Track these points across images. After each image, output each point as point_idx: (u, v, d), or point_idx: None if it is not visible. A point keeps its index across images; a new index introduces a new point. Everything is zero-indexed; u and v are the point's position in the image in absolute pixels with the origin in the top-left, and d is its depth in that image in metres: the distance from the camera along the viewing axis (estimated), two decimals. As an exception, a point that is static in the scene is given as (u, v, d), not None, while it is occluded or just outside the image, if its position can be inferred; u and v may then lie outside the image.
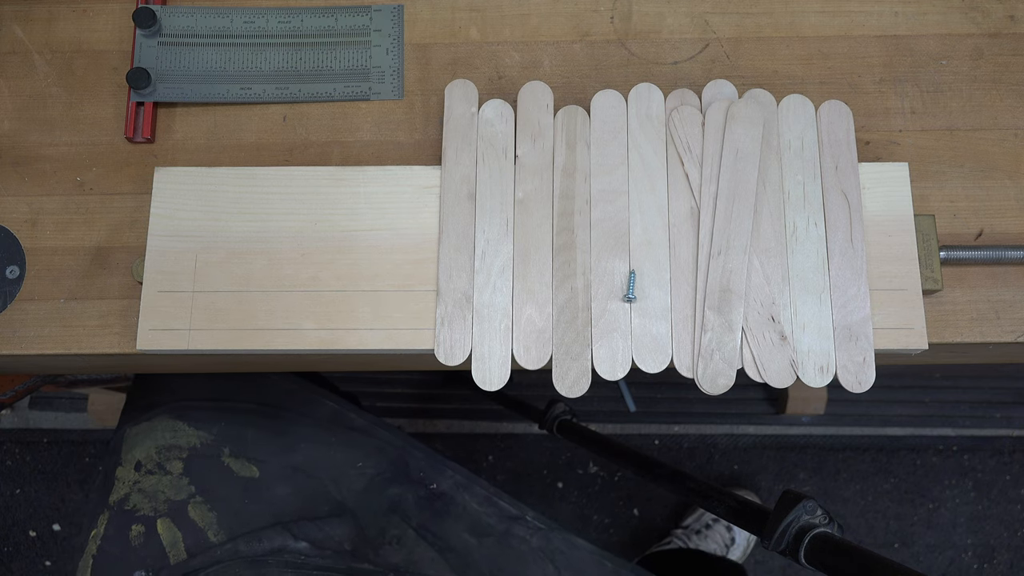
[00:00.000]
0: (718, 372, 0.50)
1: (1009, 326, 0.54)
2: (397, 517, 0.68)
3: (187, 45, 0.58)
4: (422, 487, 0.70)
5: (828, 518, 0.47)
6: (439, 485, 0.70)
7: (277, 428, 0.69)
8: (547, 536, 0.70)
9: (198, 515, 0.65)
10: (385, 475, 0.69)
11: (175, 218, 0.53)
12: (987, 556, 1.33)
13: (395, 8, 0.60)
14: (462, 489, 0.71)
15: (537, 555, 0.69)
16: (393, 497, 0.68)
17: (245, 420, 0.69)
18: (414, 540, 0.67)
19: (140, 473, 0.67)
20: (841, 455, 1.36)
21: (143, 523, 0.64)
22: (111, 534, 0.65)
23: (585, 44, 0.59)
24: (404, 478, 0.70)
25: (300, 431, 0.70)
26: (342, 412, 0.72)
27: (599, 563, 0.70)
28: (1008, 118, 0.57)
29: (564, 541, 0.70)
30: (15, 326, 0.54)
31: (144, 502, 0.65)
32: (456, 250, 0.52)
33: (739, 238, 0.51)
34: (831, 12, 0.59)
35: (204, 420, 0.68)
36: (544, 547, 0.69)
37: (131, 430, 0.70)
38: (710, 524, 1.26)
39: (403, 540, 0.67)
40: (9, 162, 0.57)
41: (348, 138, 0.58)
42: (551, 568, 0.69)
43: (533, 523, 0.70)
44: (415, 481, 0.70)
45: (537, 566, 0.68)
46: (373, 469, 0.69)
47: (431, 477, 0.71)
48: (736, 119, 0.53)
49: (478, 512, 0.70)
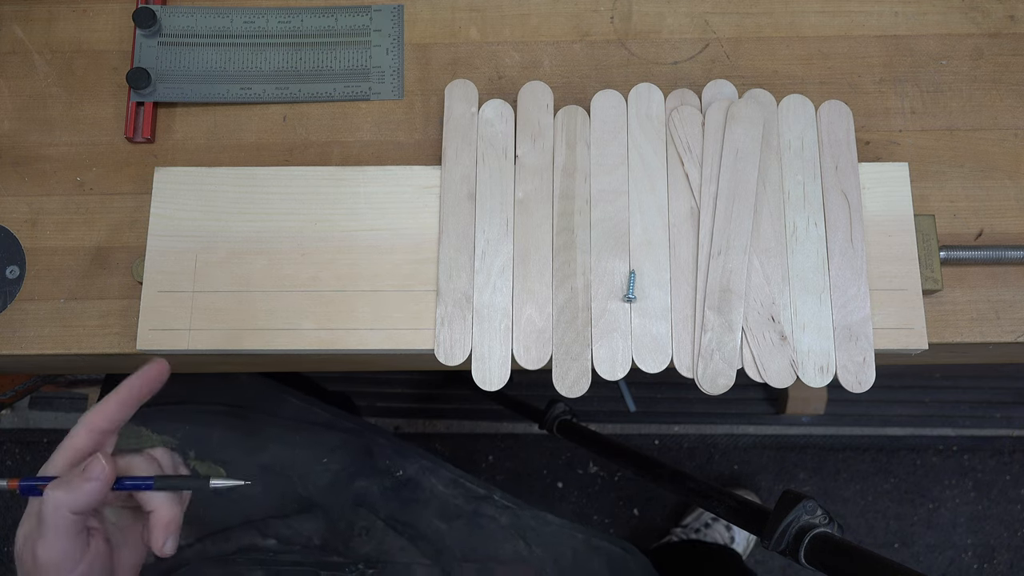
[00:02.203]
0: (718, 372, 0.50)
1: (1009, 326, 0.54)
2: (364, 510, 0.68)
3: (187, 45, 0.58)
4: (388, 476, 0.70)
5: (828, 518, 0.47)
6: (405, 471, 0.70)
7: (245, 428, 0.69)
8: (516, 514, 0.70)
9: None
10: (350, 469, 0.69)
11: (175, 218, 0.53)
12: (987, 556, 1.33)
13: (395, 8, 0.60)
14: (428, 473, 0.71)
15: (508, 533, 0.69)
16: (359, 490, 0.68)
17: (211, 422, 0.69)
18: (383, 530, 0.67)
19: None
20: (841, 455, 1.36)
21: None
22: None
23: (585, 44, 0.59)
24: (370, 469, 0.70)
25: (268, 431, 0.70)
26: (307, 409, 0.72)
27: (570, 535, 0.70)
28: (1008, 118, 0.57)
29: (534, 517, 0.70)
30: (15, 326, 0.54)
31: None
32: (456, 250, 0.52)
33: (739, 238, 0.51)
34: (831, 12, 0.59)
35: (168, 425, 0.68)
36: (514, 524, 0.69)
37: None
38: (709, 523, 1.26)
39: (372, 531, 0.66)
40: (9, 162, 0.57)
41: (348, 138, 0.58)
42: (523, 544, 0.69)
43: (501, 502, 0.70)
44: (381, 471, 0.70)
45: (509, 543, 0.68)
46: (338, 464, 0.69)
47: (397, 464, 0.71)
48: (736, 119, 0.53)
49: (445, 495, 0.70)
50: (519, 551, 0.68)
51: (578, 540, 0.70)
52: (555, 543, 0.70)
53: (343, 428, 0.72)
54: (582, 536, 0.70)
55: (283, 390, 0.73)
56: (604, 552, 0.71)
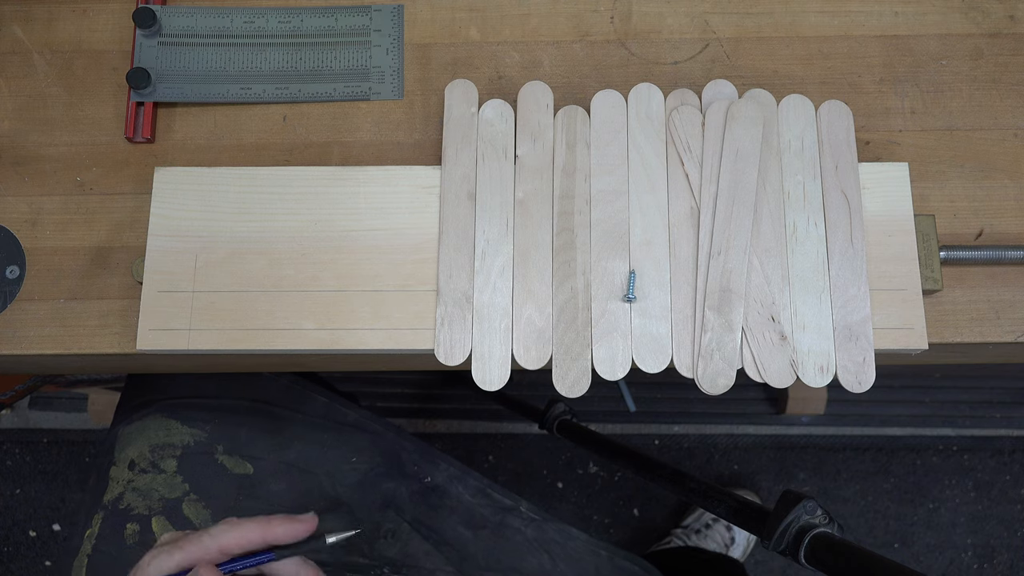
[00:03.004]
0: (718, 372, 0.50)
1: (1009, 326, 0.54)
2: (392, 511, 0.68)
3: (187, 45, 0.58)
4: (416, 481, 0.70)
5: (828, 518, 0.47)
6: (433, 478, 0.70)
7: (270, 425, 0.69)
8: (541, 527, 0.70)
9: (193, 513, 0.65)
10: (379, 470, 0.69)
11: (175, 218, 0.53)
12: (987, 556, 1.33)
13: (395, 8, 0.60)
14: (456, 481, 0.71)
15: (533, 546, 0.69)
16: (387, 492, 0.68)
17: (238, 418, 0.69)
18: (409, 534, 0.67)
19: (134, 472, 0.67)
20: (841, 455, 1.36)
21: (138, 522, 0.64)
22: (106, 534, 0.64)
23: (585, 44, 0.59)
24: (398, 472, 0.70)
25: (294, 428, 0.70)
26: (334, 407, 0.72)
27: (594, 552, 0.70)
28: (1008, 118, 0.57)
29: (559, 531, 0.70)
30: (15, 326, 0.54)
31: (138, 501, 0.65)
32: (456, 250, 0.52)
33: (739, 238, 0.51)
34: (831, 12, 0.59)
35: (197, 418, 0.68)
36: (539, 538, 0.69)
37: (124, 429, 0.70)
38: (710, 524, 1.26)
39: (398, 534, 0.67)
40: (9, 162, 0.57)
41: (348, 138, 0.58)
42: (547, 558, 0.69)
43: (527, 514, 0.70)
44: (409, 475, 0.70)
45: (533, 556, 0.69)
46: (366, 464, 0.69)
47: (424, 470, 0.71)
48: (736, 119, 0.53)
49: (472, 504, 0.70)
50: (543, 565, 0.68)
51: (602, 558, 0.70)
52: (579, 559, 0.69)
53: (371, 430, 0.72)
54: (606, 554, 0.70)
55: (310, 388, 0.73)
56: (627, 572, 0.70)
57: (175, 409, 0.69)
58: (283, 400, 0.71)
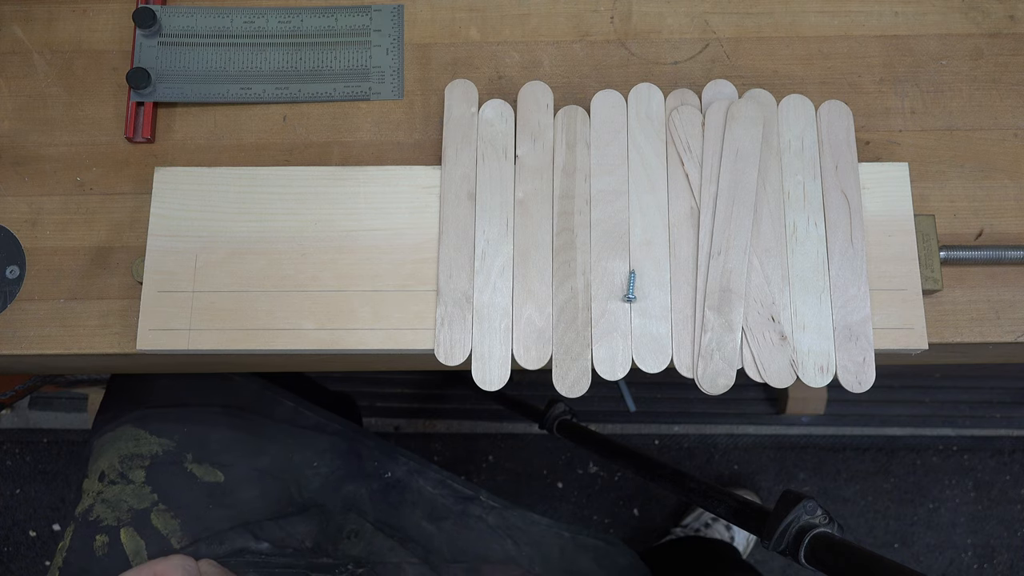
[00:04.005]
0: (718, 372, 0.50)
1: (1009, 326, 0.54)
2: (354, 514, 0.68)
3: (187, 45, 0.58)
4: (376, 479, 0.70)
5: (828, 518, 0.47)
6: (393, 473, 0.71)
7: (244, 430, 0.70)
8: (502, 514, 0.70)
9: (161, 523, 0.65)
10: (339, 472, 0.70)
11: (175, 218, 0.53)
12: (987, 556, 1.33)
13: (395, 8, 0.60)
14: (416, 475, 0.71)
15: (496, 532, 0.69)
16: (348, 494, 0.69)
17: (209, 425, 0.69)
18: (372, 533, 0.67)
19: (103, 483, 0.67)
20: (841, 455, 1.36)
21: (107, 533, 0.64)
22: (76, 546, 0.65)
23: (585, 44, 0.59)
24: (358, 472, 0.70)
25: (266, 432, 0.70)
26: (299, 411, 0.73)
27: (557, 535, 0.71)
28: (1008, 118, 0.57)
29: (520, 516, 0.71)
30: (15, 326, 0.54)
31: (107, 512, 0.65)
32: (456, 250, 0.52)
33: (739, 238, 0.51)
34: (831, 12, 0.59)
35: (166, 428, 0.68)
36: (501, 524, 0.70)
37: (97, 441, 0.70)
38: (709, 523, 1.26)
39: (361, 534, 0.67)
40: (9, 162, 0.57)
41: (348, 138, 0.58)
42: (511, 543, 0.69)
43: (487, 502, 0.71)
44: (369, 474, 0.70)
45: (497, 543, 0.69)
46: (328, 467, 0.70)
47: (385, 466, 0.71)
48: (736, 119, 0.53)
49: (433, 495, 0.70)
50: (507, 550, 0.69)
51: (565, 538, 0.71)
52: (542, 541, 0.70)
53: (331, 431, 0.72)
54: (568, 534, 0.71)
55: (277, 391, 0.73)
56: (590, 548, 0.71)
57: (146, 420, 0.69)
58: (254, 405, 0.71)
